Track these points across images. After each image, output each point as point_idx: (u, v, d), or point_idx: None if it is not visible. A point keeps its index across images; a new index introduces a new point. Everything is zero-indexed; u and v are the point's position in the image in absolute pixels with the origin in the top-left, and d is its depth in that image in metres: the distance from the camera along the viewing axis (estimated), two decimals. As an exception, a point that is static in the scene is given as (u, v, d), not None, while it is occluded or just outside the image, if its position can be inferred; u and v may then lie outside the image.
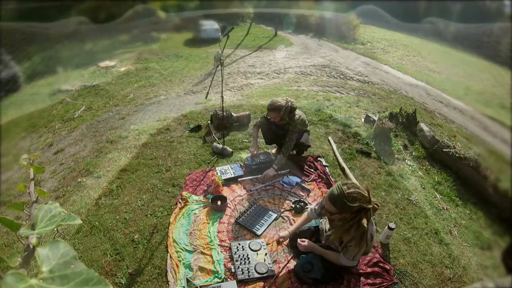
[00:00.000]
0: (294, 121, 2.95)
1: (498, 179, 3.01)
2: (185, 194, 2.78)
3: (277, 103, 2.84)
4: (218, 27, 12.73)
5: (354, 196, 1.63)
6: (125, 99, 5.91)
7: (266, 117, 3.11)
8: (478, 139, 4.79)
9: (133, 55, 10.42)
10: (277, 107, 2.83)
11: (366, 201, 1.65)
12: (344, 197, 1.64)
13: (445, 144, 3.60)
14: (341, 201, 1.65)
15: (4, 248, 2.45)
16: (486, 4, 13.24)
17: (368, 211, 1.66)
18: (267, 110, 2.95)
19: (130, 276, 2.05)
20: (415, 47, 12.45)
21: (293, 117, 2.94)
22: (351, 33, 13.76)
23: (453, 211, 2.85)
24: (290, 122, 2.95)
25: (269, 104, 2.90)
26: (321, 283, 1.98)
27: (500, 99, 6.11)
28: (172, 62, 9.25)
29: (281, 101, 2.84)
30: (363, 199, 1.64)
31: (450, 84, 7.88)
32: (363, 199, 1.64)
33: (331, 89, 6.15)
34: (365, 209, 1.64)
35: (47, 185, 3.30)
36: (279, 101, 2.85)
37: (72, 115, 5.35)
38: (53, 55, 9.72)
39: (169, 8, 14.90)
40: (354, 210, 1.65)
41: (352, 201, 1.63)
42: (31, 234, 0.56)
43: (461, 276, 2.19)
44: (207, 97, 3.74)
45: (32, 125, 5.46)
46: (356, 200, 1.63)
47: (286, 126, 2.99)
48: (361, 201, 1.63)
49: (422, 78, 8.15)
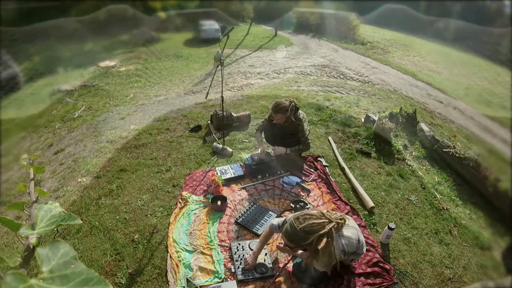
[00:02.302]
0: (301, 120, 2.85)
1: (498, 179, 3.01)
2: (185, 194, 2.78)
3: (282, 104, 2.72)
4: (218, 27, 12.73)
5: (307, 229, 1.62)
6: (125, 99, 5.91)
7: (269, 119, 3.00)
8: (478, 139, 4.80)
9: (133, 55, 10.42)
10: (282, 108, 2.72)
11: (323, 227, 1.63)
12: (298, 233, 1.64)
13: (445, 144, 3.60)
14: (297, 237, 1.65)
15: (4, 248, 2.45)
16: (486, 4, 13.24)
17: (329, 232, 1.64)
18: (272, 112, 2.81)
19: (130, 276, 2.05)
20: (415, 47, 12.45)
21: (298, 117, 2.85)
22: (351, 33, 13.77)
23: (453, 211, 2.85)
24: (297, 122, 2.86)
25: (274, 106, 2.77)
26: (320, 282, 1.98)
27: (500, 99, 6.11)
28: (172, 62, 9.26)
29: (285, 102, 2.74)
30: (320, 226, 1.63)
31: (450, 84, 7.88)
32: (319, 226, 1.63)
33: (331, 89, 6.15)
34: (324, 234, 1.62)
35: (47, 185, 3.30)
36: (283, 102, 2.73)
37: (72, 115, 5.35)
38: (53, 55, 9.72)
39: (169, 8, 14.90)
40: (312, 242, 1.63)
41: (308, 234, 1.62)
42: (31, 234, 0.56)
43: (461, 276, 2.19)
44: (207, 97, 3.75)
45: (32, 125, 5.47)
46: (312, 232, 1.62)
47: (291, 126, 2.91)
48: (318, 230, 1.62)
49: (422, 78, 8.16)
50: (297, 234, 1.65)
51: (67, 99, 6.35)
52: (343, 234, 1.76)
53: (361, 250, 1.87)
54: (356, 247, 1.81)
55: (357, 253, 1.87)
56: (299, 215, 1.72)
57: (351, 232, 1.81)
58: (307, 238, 1.63)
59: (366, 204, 2.72)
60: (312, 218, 1.66)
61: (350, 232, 1.80)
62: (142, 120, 4.65)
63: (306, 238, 1.63)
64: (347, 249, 1.75)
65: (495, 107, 6.14)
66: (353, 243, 1.78)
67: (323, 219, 1.67)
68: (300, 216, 1.70)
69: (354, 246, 1.79)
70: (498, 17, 12.24)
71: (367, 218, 2.60)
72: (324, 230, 1.63)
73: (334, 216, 1.73)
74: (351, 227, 1.85)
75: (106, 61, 9.18)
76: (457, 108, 6.23)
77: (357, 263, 2.14)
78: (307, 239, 1.63)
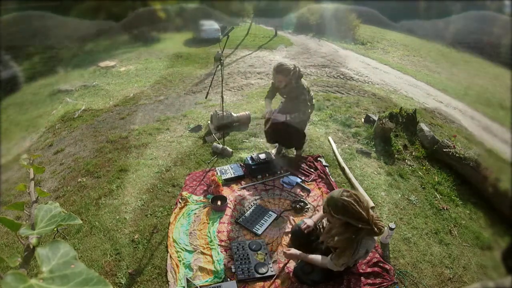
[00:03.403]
0: (304, 89, 2.76)
1: (498, 179, 3.01)
2: (185, 194, 2.78)
3: (285, 65, 2.66)
4: (218, 27, 12.74)
5: (345, 205, 1.60)
6: (125, 99, 5.91)
7: (272, 84, 2.93)
8: (478, 139, 4.79)
9: (133, 55, 10.43)
10: (285, 69, 2.65)
11: (359, 218, 1.61)
12: (337, 201, 1.63)
13: (445, 144, 3.60)
14: (331, 201, 1.66)
15: (4, 248, 2.45)
16: (486, 4, 13.25)
17: (361, 229, 1.63)
18: (274, 72, 2.74)
19: (130, 276, 2.05)
20: (415, 47, 12.46)
21: (301, 84, 2.76)
22: (351, 33, 13.77)
23: (453, 211, 2.85)
24: (299, 89, 2.76)
25: (277, 66, 2.70)
26: (320, 283, 1.98)
27: (500, 99, 6.11)
28: (172, 62, 9.25)
29: (289, 65, 2.67)
30: (356, 215, 1.60)
31: (450, 84, 7.88)
32: (356, 214, 1.60)
33: (331, 89, 6.15)
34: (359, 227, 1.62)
35: (47, 185, 3.30)
36: (286, 64, 2.67)
37: (72, 115, 5.35)
38: (53, 55, 9.72)
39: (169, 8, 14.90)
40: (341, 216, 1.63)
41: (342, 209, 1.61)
42: (31, 234, 0.56)
43: (461, 276, 2.19)
44: (207, 97, 3.74)
45: (32, 125, 5.47)
46: (346, 211, 1.60)
47: (292, 94, 2.81)
48: (352, 215, 1.61)
49: (422, 78, 8.16)
50: (335, 200, 1.63)
51: (67, 99, 6.35)
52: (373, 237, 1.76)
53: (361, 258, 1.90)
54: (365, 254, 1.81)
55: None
56: (354, 193, 1.67)
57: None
58: (341, 212, 1.61)
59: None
60: (358, 204, 1.61)
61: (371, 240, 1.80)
62: (142, 120, 4.65)
63: (340, 212, 1.61)
64: (369, 249, 1.76)
65: (495, 107, 6.13)
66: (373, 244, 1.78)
67: (364, 213, 1.61)
68: (353, 194, 1.65)
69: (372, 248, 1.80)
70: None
71: (367, 218, 2.60)
72: (356, 222, 1.60)
73: (376, 222, 1.67)
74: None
75: (106, 61, 9.18)
76: (457, 108, 6.23)
77: (357, 263, 2.14)
78: (340, 213, 1.62)
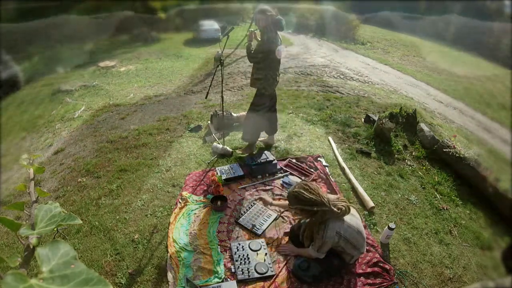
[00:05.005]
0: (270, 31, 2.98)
1: (498, 179, 3.01)
2: (185, 194, 2.78)
3: (265, 7, 2.96)
4: (218, 27, 12.75)
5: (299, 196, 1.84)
6: (125, 99, 5.91)
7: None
8: (478, 139, 4.79)
9: (133, 55, 10.43)
10: (265, 10, 2.91)
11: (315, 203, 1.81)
12: (290, 194, 1.91)
13: (445, 144, 3.60)
14: (289, 196, 1.92)
15: (4, 248, 2.45)
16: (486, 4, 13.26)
17: (318, 212, 1.83)
18: (255, 14, 3.04)
19: (130, 276, 2.05)
20: (415, 47, 12.46)
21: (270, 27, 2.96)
22: (351, 33, 13.77)
23: (453, 211, 2.85)
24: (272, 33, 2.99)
25: (258, 8, 3.00)
26: (320, 281, 1.98)
27: (500, 99, 6.11)
28: (172, 62, 9.26)
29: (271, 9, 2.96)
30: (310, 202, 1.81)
31: (450, 84, 7.88)
32: (310, 201, 1.81)
33: (331, 89, 6.15)
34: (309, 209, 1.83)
35: (47, 185, 3.30)
36: (268, 7, 2.97)
37: (72, 115, 5.36)
38: (53, 55, 9.73)
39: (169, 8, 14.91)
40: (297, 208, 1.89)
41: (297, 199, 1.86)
42: (31, 234, 0.56)
43: (461, 276, 2.19)
44: (207, 97, 3.74)
45: (32, 125, 5.47)
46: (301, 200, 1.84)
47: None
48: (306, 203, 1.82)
49: (422, 78, 8.16)
50: (289, 194, 1.92)
51: (67, 99, 6.35)
52: (343, 219, 1.87)
53: (361, 246, 1.94)
54: (355, 238, 1.87)
55: (356, 248, 1.92)
56: (304, 183, 1.91)
57: (353, 220, 1.90)
58: (294, 202, 1.88)
59: (366, 204, 2.72)
60: (307, 191, 1.83)
61: (350, 220, 1.89)
62: (142, 120, 4.65)
63: (294, 202, 1.88)
64: (343, 233, 1.83)
65: (495, 107, 6.14)
66: (352, 232, 1.86)
67: (314, 198, 1.81)
68: (303, 184, 1.89)
69: (352, 235, 1.86)
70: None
71: (367, 218, 2.60)
72: (310, 207, 1.81)
73: (335, 203, 1.85)
74: (354, 216, 1.94)
75: (106, 61, 9.18)
76: (457, 108, 6.23)
77: (357, 263, 2.14)
78: (294, 203, 1.89)
